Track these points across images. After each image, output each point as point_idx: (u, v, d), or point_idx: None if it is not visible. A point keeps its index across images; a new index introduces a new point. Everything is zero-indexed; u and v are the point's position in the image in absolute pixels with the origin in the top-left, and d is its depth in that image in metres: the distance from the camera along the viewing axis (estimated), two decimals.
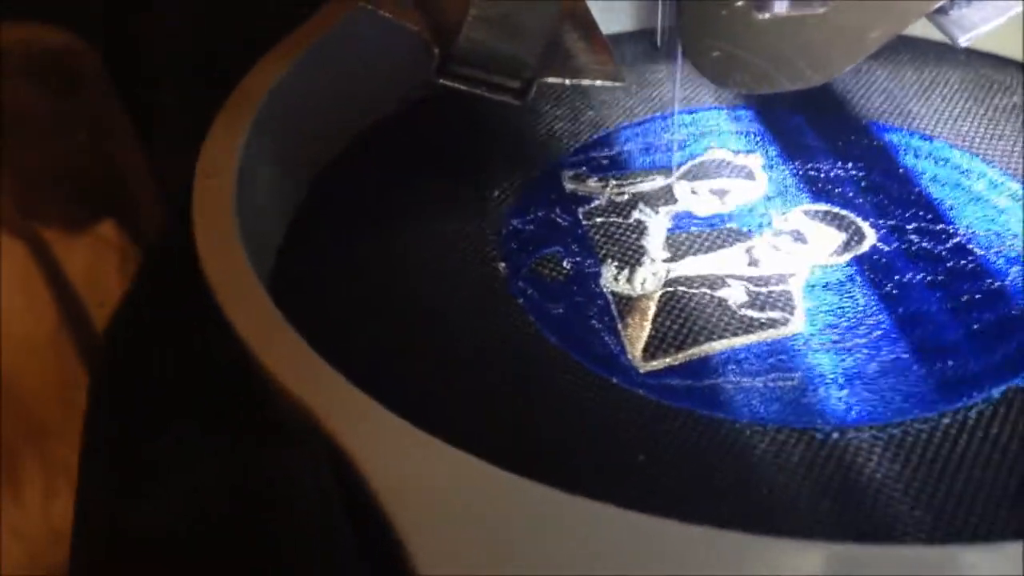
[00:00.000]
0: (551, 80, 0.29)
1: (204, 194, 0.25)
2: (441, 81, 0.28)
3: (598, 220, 0.30)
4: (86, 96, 0.50)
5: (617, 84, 0.30)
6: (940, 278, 0.28)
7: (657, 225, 0.30)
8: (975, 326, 0.26)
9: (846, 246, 0.29)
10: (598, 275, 0.28)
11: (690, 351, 0.26)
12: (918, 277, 0.28)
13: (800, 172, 0.32)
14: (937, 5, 0.28)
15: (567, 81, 0.29)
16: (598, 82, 0.30)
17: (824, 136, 0.34)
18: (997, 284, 0.27)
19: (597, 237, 0.29)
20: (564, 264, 0.29)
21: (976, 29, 0.29)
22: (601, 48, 0.29)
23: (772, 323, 0.27)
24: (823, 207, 0.30)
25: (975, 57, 0.37)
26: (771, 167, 0.32)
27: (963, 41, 0.29)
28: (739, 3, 0.28)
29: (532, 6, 0.28)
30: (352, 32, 0.33)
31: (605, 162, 0.33)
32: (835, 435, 0.24)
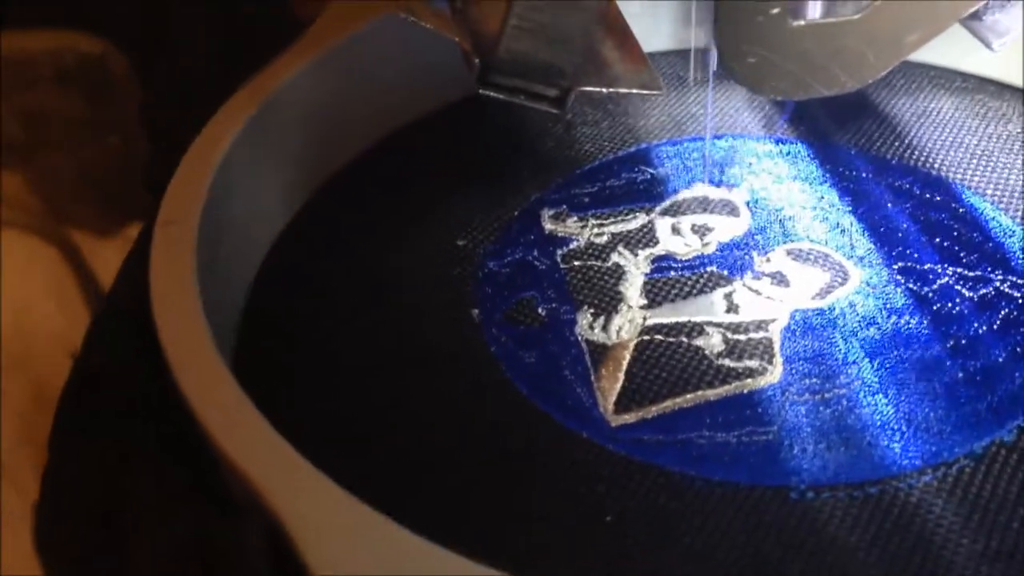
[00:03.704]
0: (588, 88, 0.30)
1: (163, 243, 0.25)
2: (481, 91, 0.29)
3: (575, 263, 0.29)
4: (117, 102, 0.50)
5: (653, 92, 0.30)
6: (925, 322, 0.27)
7: (635, 270, 0.29)
8: (960, 374, 0.25)
9: (829, 287, 0.28)
10: (573, 322, 0.28)
11: (663, 404, 0.25)
12: (902, 321, 0.27)
13: (785, 207, 0.31)
14: (972, 10, 0.28)
15: (605, 90, 0.30)
16: (634, 90, 0.30)
17: (811, 167, 0.33)
18: (985, 328, 0.27)
19: (574, 282, 0.29)
20: (539, 310, 0.28)
21: (1010, 34, 0.29)
22: (636, 57, 0.30)
23: (750, 372, 0.26)
24: (807, 245, 0.30)
25: (972, 83, 0.36)
26: (756, 202, 0.31)
27: (997, 46, 0.30)
28: (775, 10, 0.29)
29: (570, 16, 0.28)
30: (327, 70, 0.32)
31: (587, 199, 0.32)
32: (810, 494, 0.23)
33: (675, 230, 0.31)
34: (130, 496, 0.23)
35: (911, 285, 0.28)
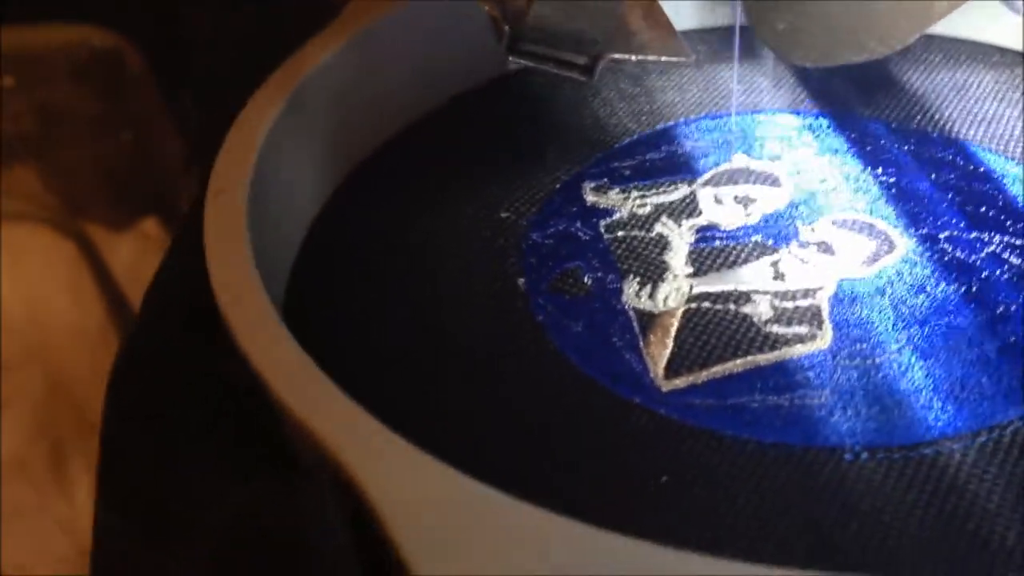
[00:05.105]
0: (617, 57, 0.30)
1: (215, 211, 0.25)
2: (511, 59, 0.29)
3: (619, 234, 0.30)
4: (131, 97, 0.51)
5: (682, 59, 0.31)
6: (974, 289, 0.27)
7: (679, 239, 0.29)
8: (1012, 339, 0.25)
9: (875, 256, 0.28)
10: (619, 291, 0.28)
11: (714, 368, 0.25)
12: (951, 288, 0.27)
13: (827, 178, 0.31)
14: None
15: (633, 57, 0.30)
16: (663, 58, 0.30)
17: (852, 140, 0.33)
18: None
19: (618, 251, 0.29)
20: (585, 280, 0.28)
21: None
22: (661, 24, 0.30)
23: (799, 338, 0.26)
24: (851, 215, 0.30)
25: (1009, 57, 0.36)
26: (798, 173, 0.31)
27: None
28: None
29: None
30: (372, 40, 0.32)
31: (627, 172, 0.32)
32: (864, 455, 0.23)
33: (717, 200, 0.31)
34: (183, 472, 0.23)
35: (958, 253, 0.28)
